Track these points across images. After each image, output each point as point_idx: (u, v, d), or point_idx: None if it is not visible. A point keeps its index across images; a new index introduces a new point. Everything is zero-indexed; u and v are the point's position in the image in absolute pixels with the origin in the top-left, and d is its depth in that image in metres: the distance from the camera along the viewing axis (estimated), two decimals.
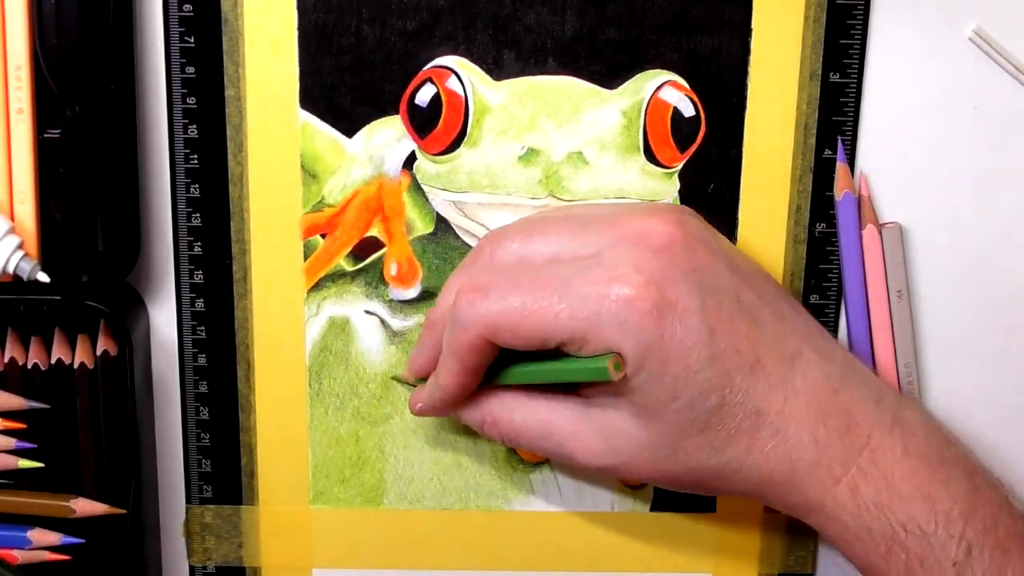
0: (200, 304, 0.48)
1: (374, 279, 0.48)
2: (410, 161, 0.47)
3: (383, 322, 0.49)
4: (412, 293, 0.48)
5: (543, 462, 0.50)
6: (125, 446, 0.47)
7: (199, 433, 0.49)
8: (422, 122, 0.46)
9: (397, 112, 0.46)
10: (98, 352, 0.46)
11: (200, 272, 0.48)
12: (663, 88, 0.46)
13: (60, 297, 0.45)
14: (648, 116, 0.46)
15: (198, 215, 0.47)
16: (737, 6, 0.46)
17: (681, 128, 0.47)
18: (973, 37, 0.46)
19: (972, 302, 0.49)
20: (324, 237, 0.48)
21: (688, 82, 0.46)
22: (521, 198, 0.47)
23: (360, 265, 0.48)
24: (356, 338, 0.49)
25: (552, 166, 0.47)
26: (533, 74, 0.46)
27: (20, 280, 0.44)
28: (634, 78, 0.46)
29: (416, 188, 0.47)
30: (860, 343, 0.48)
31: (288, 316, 0.48)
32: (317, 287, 0.48)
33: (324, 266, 0.48)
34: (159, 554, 0.51)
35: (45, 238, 0.45)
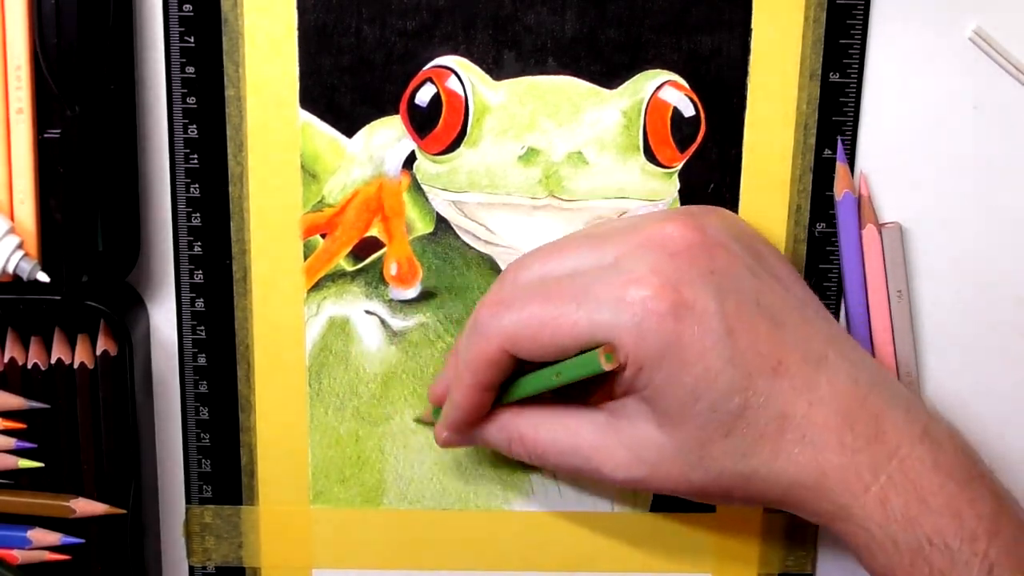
0: (200, 304, 0.48)
1: (374, 279, 0.48)
2: (410, 161, 0.47)
3: (383, 322, 0.49)
4: (412, 293, 0.48)
5: None
6: (125, 446, 0.47)
7: (199, 433, 0.49)
8: (422, 122, 0.46)
9: (397, 112, 0.46)
10: (98, 352, 0.46)
11: (200, 272, 0.48)
12: (663, 88, 0.46)
13: (60, 297, 0.45)
14: (648, 116, 0.46)
15: (198, 215, 0.47)
16: (737, 6, 0.46)
17: (681, 128, 0.47)
18: (973, 37, 0.46)
19: (972, 302, 0.49)
20: (324, 237, 0.48)
21: (688, 82, 0.46)
22: (521, 198, 0.47)
23: (360, 265, 0.48)
24: (356, 338, 0.49)
25: (552, 166, 0.47)
26: (533, 74, 0.46)
27: (20, 280, 0.44)
28: (634, 78, 0.46)
29: (416, 188, 0.47)
30: (860, 343, 0.48)
31: (288, 316, 0.48)
32: (317, 287, 0.48)
33: (324, 266, 0.48)
34: (159, 554, 0.51)
35: (45, 238, 0.45)
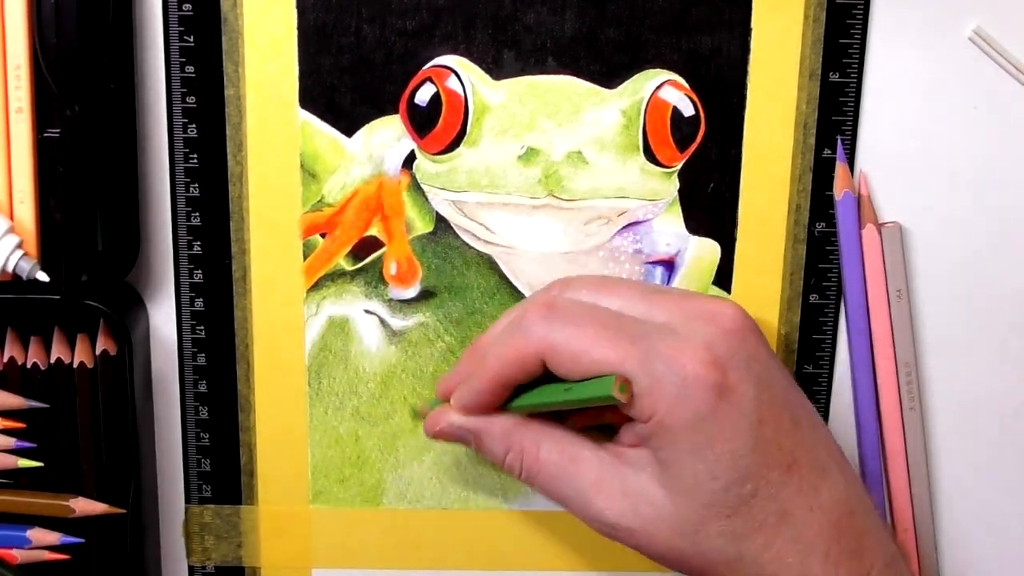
0: (200, 303, 0.48)
1: (374, 278, 0.48)
2: (410, 160, 0.47)
3: (383, 321, 0.49)
4: (412, 292, 0.48)
5: None
6: (124, 445, 0.47)
7: (198, 432, 0.49)
8: (422, 121, 0.46)
9: (397, 111, 0.46)
10: (97, 351, 0.46)
11: (200, 271, 0.48)
12: (663, 87, 0.46)
13: (59, 296, 0.45)
14: (648, 115, 0.46)
15: (198, 214, 0.47)
16: (737, 6, 0.46)
17: (681, 127, 0.47)
18: (973, 37, 0.46)
19: (971, 302, 0.49)
20: (323, 236, 0.48)
21: (688, 81, 0.46)
22: (521, 197, 0.47)
23: (360, 264, 0.48)
24: (355, 337, 0.49)
25: (552, 166, 0.47)
26: (533, 74, 0.46)
27: (19, 279, 0.44)
28: (634, 78, 0.46)
29: (416, 187, 0.47)
30: (859, 343, 0.48)
31: (287, 315, 0.48)
32: (316, 286, 0.48)
33: (324, 265, 0.48)
34: (158, 554, 0.51)
35: (45, 237, 0.45)
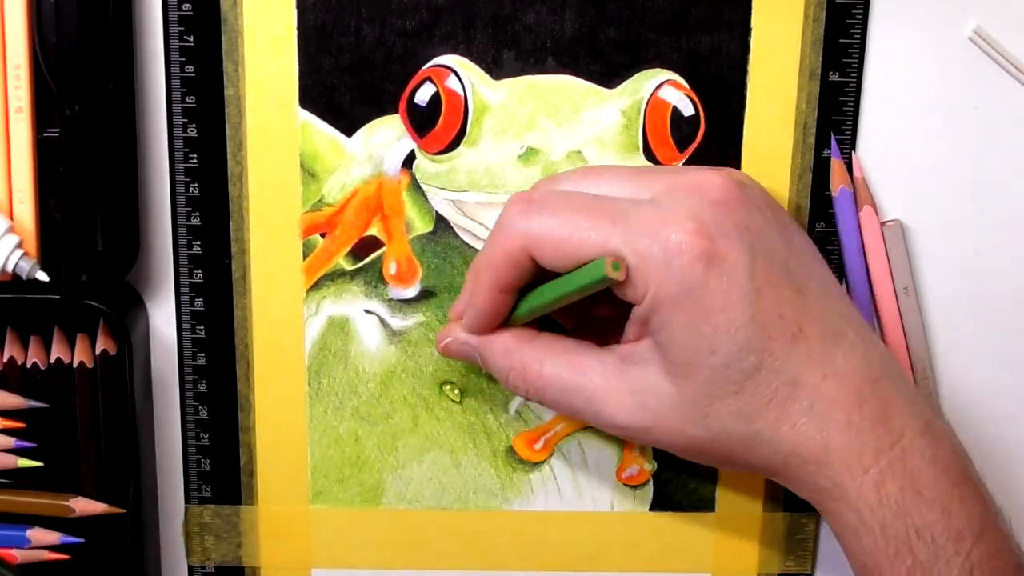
0: (199, 303, 0.48)
1: (373, 278, 0.48)
2: (409, 160, 0.47)
3: (382, 321, 0.49)
4: (411, 292, 0.48)
5: (542, 462, 0.50)
6: (124, 445, 0.47)
7: (198, 432, 0.49)
8: (421, 121, 0.46)
9: (396, 111, 0.46)
10: (97, 351, 0.46)
11: (199, 271, 0.48)
12: (662, 87, 0.46)
13: (59, 296, 0.45)
14: (647, 115, 0.46)
15: (197, 214, 0.47)
16: (737, 5, 0.46)
17: (680, 127, 0.47)
18: (973, 37, 0.46)
19: (971, 301, 0.49)
20: (323, 236, 0.48)
21: (688, 81, 0.46)
22: None
23: (359, 264, 0.48)
24: (355, 337, 0.49)
25: (552, 165, 0.47)
26: (532, 73, 0.46)
27: (19, 279, 0.44)
28: (633, 77, 0.46)
29: (415, 187, 0.47)
30: None
31: (287, 315, 0.48)
32: (316, 286, 0.48)
33: (323, 265, 0.48)
34: (158, 554, 0.51)
35: (44, 237, 0.45)
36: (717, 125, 0.47)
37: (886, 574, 0.40)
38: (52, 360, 0.46)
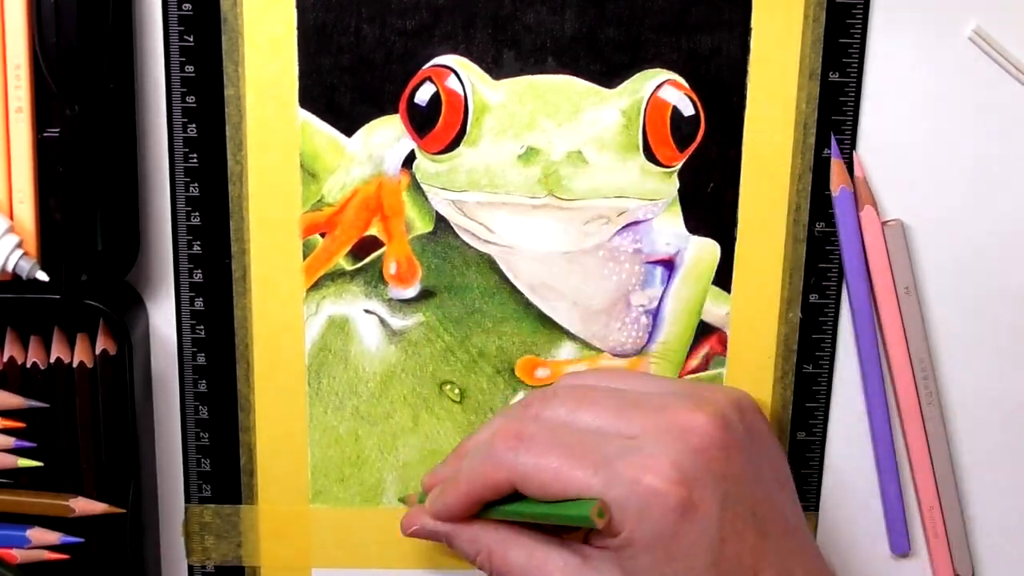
0: (199, 303, 0.48)
1: (373, 278, 0.48)
2: (409, 160, 0.47)
3: (382, 321, 0.49)
4: (411, 292, 0.48)
5: None
6: (124, 445, 0.47)
7: (198, 432, 0.49)
8: (421, 121, 0.46)
9: (396, 111, 0.46)
10: (97, 351, 0.46)
11: (199, 271, 0.48)
12: (663, 87, 0.46)
13: (59, 296, 0.45)
14: (648, 115, 0.46)
15: (197, 214, 0.47)
16: (737, 5, 0.46)
17: (680, 127, 0.47)
18: (973, 37, 0.46)
19: (972, 301, 0.49)
20: (323, 236, 0.48)
21: (688, 81, 0.46)
22: (520, 197, 0.47)
23: (359, 264, 0.48)
24: (355, 337, 0.49)
25: (551, 165, 0.47)
26: (532, 73, 0.46)
27: (19, 279, 0.44)
28: (633, 77, 0.46)
29: (415, 187, 0.47)
30: (865, 339, 0.48)
31: (287, 315, 0.48)
32: (316, 286, 0.48)
33: (323, 265, 0.48)
34: (158, 553, 0.51)
35: (44, 237, 0.45)
36: (717, 125, 0.47)
37: None
38: (52, 360, 0.46)
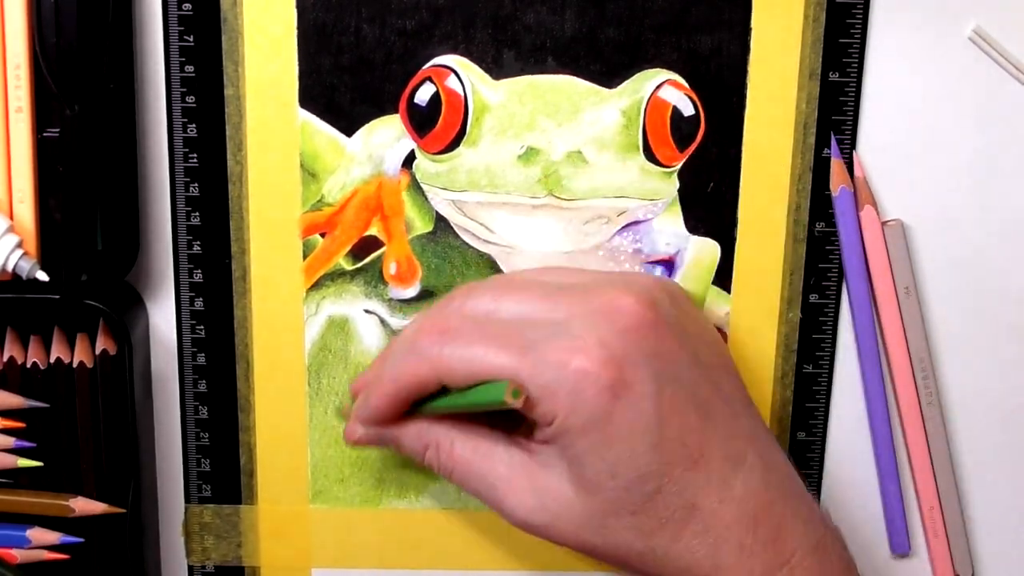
0: (199, 303, 0.48)
1: (373, 278, 0.48)
2: (409, 160, 0.47)
3: (382, 321, 0.49)
4: (411, 292, 0.48)
5: None
6: (124, 445, 0.47)
7: (198, 432, 0.49)
8: (421, 121, 0.46)
9: (396, 111, 0.46)
10: (97, 351, 0.46)
11: (199, 271, 0.48)
12: (663, 87, 0.46)
13: (59, 296, 0.45)
14: (648, 115, 0.46)
15: (197, 214, 0.47)
16: (737, 5, 0.46)
17: (680, 127, 0.47)
18: (973, 37, 0.46)
19: (972, 300, 0.49)
20: (323, 236, 0.48)
21: (688, 81, 0.46)
22: (520, 197, 0.47)
23: (359, 264, 0.48)
24: (355, 337, 0.49)
25: (551, 165, 0.47)
26: (533, 73, 0.46)
27: (19, 279, 0.44)
28: (633, 77, 0.46)
29: (415, 187, 0.47)
30: (865, 339, 0.48)
31: (287, 315, 0.48)
32: (316, 286, 0.48)
33: (323, 265, 0.48)
34: (158, 553, 0.51)
35: (44, 237, 0.45)
36: (717, 125, 0.47)
37: None
38: (52, 360, 0.46)
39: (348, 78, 0.46)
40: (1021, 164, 0.48)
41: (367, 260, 0.48)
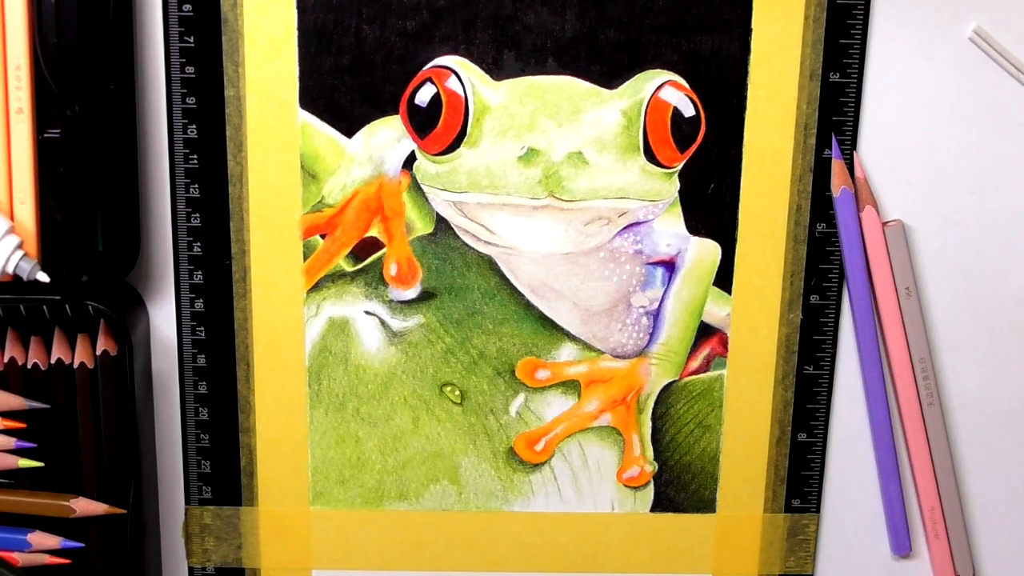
0: (200, 304, 0.48)
1: (374, 279, 0.48)
2: (410, 161, 0.47)
3: (383, 322, 0.49)
4: (412, 293, 0.48)
5: (543, 463, 0.50)
6: (125, 446, 0.47)
7: (199, 434, 0.49)
8: (422, 122, 0.46)
9: (397, 112, 0.46)
10: (98, 352, 0.46)
11: (200, 272, 0.48)
12: (663, 88, 0.46)
13: (60, 297, 0.45)
14: (648, 116, 0.46)
15: (198, 215, 0.47)
16: (737, 6, 0.46)
17: (681, 128, 0.47)
18: (973, 37, 0.46)
19: (972, 299, 0.49)
20: (324, 237, 0.48)
21: (688, 82, 0.46)
22: (521, 198, 0.47)
23: (360, 265, 0.48)
24: (356, 338, 0.49)
25: (552, 166, 0.47)
26: (533, 74, 0.46)
27: (20, 280, 0.44)
28: (634, 78, 0.46)
29: (416, 188, 0.47)
30: (866, 339, 0.48)
31: (288, 317, 0.48)
32: (317, 287, 0.48)
33: (324, 266, 0.48)
34: (159, 555, 0.51)
35: (45, 238, 0.45)
36: (718, 126, 0.47)
37: None
38: (53, 361, 0.46)
39: (348, 79, 0.46)
40: (1021, 164, 0.48)
41: (368, 261, 0.48)
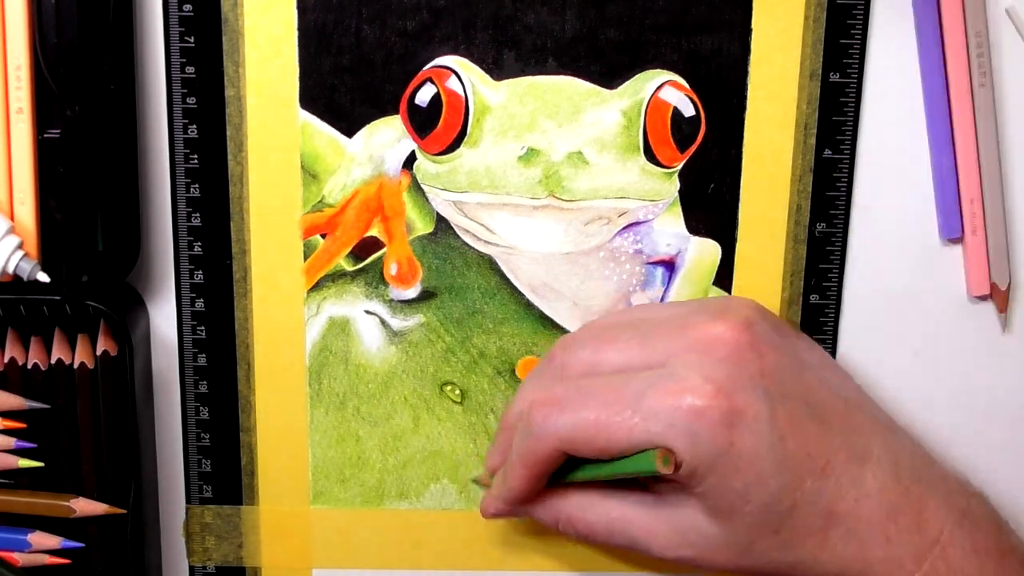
0: (200, 304, 0.48)
1: (374, 279, 0.48)
2: (410, 161, 0.47)
3: (383, 322, 0.49)
4: (412, 293, 0.48)
5: None
6: (125, 446, 0.47)
7: (199, 433, 0.49)
8: (422, 122, 0.46)
9: (397, 112, 0.46)
10: (98, 352, 0.46)
11: (200, 272, 0.48)
12: (663, 88, 0.46)
13: (60, 297, 0.45)
14: (648, 116, 0.46)
15: (198, 215, 0.47)
16: (737, 6, 0.46)
17: (681, 128, 0.47)
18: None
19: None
20: (324, 237, 0.48)
21: (688, 82, 0.46)
22: (521, 198, 0.47)
23: (360, 265, 0.48)
24: (356, 338, 0.49)
25: (552, 166, 0.47)
26: (533, 74, 0.46)
27: (20, 280, 0.44)
28: (634, 78, 0.46)
29: (416, 188, 0.47)
30: (939, 138, 0.46)
31: (288, 316, 0.48)
32: (317, 287, 0.48)
33: (324, 266, 0.48)
34: (159, 554, 0.51)
35: (45, 238, 0.45)
36: (718, 126, 0.47)
37: None
38: (53, 361, 0.46)
39: (349, 79, 0.46)
40: (1021, 165, 0.48)
41: (368, 261, 0.48)
